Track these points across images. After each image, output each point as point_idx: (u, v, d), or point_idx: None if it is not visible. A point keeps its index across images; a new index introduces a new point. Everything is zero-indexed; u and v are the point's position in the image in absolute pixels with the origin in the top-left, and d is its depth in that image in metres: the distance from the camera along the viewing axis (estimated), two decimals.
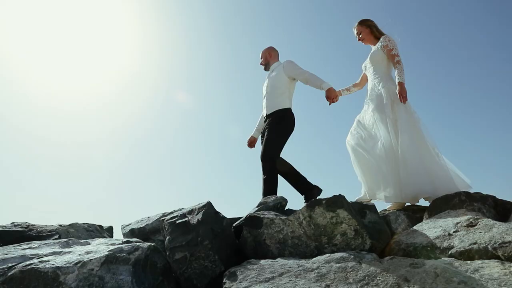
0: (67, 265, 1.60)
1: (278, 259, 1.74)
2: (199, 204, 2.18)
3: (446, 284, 1.39)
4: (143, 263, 1.83)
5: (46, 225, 3.07)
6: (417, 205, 2.94)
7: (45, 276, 1.56)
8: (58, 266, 1.58)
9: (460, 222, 2.00)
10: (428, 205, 2.75)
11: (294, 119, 3.66)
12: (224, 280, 1.58)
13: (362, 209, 2.12)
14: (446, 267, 1.50)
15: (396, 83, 3.16)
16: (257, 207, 2.35)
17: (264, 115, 3.76)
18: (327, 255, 1.69)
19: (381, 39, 3.41)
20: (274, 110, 3.63)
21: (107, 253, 1.73)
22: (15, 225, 3.00)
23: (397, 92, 3.12)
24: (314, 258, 1.68)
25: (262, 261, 1.72)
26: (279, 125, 3.55)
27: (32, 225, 3.04)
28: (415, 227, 2.16)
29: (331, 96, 3.41)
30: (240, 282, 1.51)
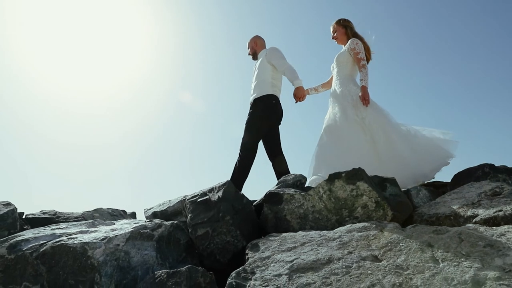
0: (94, 241, 1.66)
1: (300, 231, 1.75)
2: (218, 183, 2.21)
3: (471, 247, 1.37)
4: (167, 240, 1.87)
5: (72, 212, 3.17)
6: (439, 181, 2.89)
7: (74, 251, 1.62)
8: (86, 242, 1.64)
9: (484, 192, 1.96)
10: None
11: (275, 104, 3.52)
12: (246, 251, 1.60)
13: (382, 182, 2.10)
14: (470, 232, 1.47)
15: (360, 87, 3.16)
16: (276, 185, 2.36)
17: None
18: (349, 225, 1.68)
19: (349, 41, 3.39)
20: (254, 98, 3.56)
21: (132, 229, 1.77)
22: (44, 213, 3.11)
23: (359, 95, 3.12)
24: (336, 229, 1.69)
25: (284, 234, 1.73)
26: (253, 114, 3.48)
27: (60, 212, 3.14)
28: (437, 200, 2.13)
29: (298, 94, 3.41)
30: (262, 252, 1.52)
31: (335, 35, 3.55)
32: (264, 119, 3.47)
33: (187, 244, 1.94)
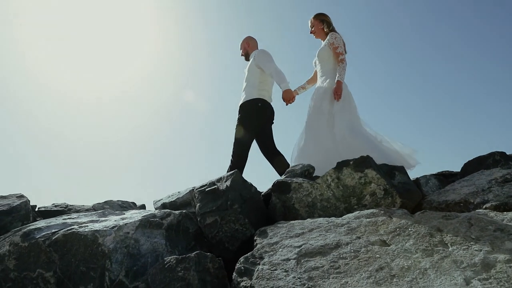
0: (104, 229, 1.68)
1: (308, 219, 1.75)
2: (227, 173, 2.22)
3: (481, 232, 1.36)
4: (176, 228, 1.89)
5: (83, 205, 3.22)
6: (448, 170, 2.86)
7: (85, 238, 1.64)
8: (97, 230, 1.66)
9: (494, 179, 1.94)
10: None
11: (261, 107, 3.52)
12: (255, 238, 1.61)
13: (391, 170, 2.09)
14: (480, 217, 1.46)
15: (335, 81, 3.17)
16: (284, 175, 2.36)
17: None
18: (357, 212, 1.68)
19: (328, 36, 3.38)
20: (241, 103, 3.58)
21: (141, 218, 1.80)
22: (56, 206, 3.17)
23: (333, 89, 3.14)
24: (344, 216, 1.68)
25: (292, 221, 1.74)
26: (240, 119, 3.51)
27: (71, 205, 3.20)
28: (447, 187, 2.11)
29: (287, 97, 3.39)
30: (270, 238, 1.53)
31: (313, 29, 3.58)
32: (251, 123, 3.48)
33: (196, 233, 1.96)
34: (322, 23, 3.50)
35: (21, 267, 1.67)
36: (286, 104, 3.46)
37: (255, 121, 3.49)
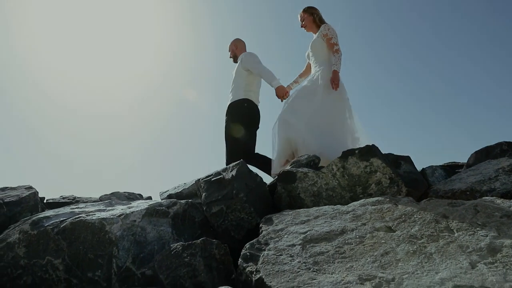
0: (111, 217, 1.70)
1: (313, 207, 1.76)
2: (232, 164, 2.23)
3: (487, 218, 1.36)
4: (182, 217, 1.91)
5: (90, 197, 3.25)
6: (455, 162, 2.84)
7: (93, 226, 1.66)
8: (104, 217, 1.68)
9: (502, 168, 1.92)
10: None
11: (247, 107, 3.61)
12: (260, 225, 1.62)
13: (396, 160, 2.09)
14: (487, 204, 1.45)
15: (332, 70, 3.20)
16: (290, 165, 2.37)
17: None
18: (362, 200, 1.68)
19: (321, 27, 3.41)
20: (228, 104, 3.68)
21: (148, 206, 1.81)
22: (63, 198, 3.21)
23: (330, 79, 3.17)
24: (349, 204, 1.69)
25: (298, 210, 1.74)
26: (229, 121, 3.60)
27: (78, 197, 3.23)
28: (453, 177, 2.10)
29: (280, 94, 3.43)
30: (276, 225, 1.54)
31: (303, 23, 3.61)
32: (244, 123, 3.56)
33: (202, 222, 1.97)
34: (312, 16, 3.54)
35: (30, 254, 1.70)
36: (282, 101, 3.51)
37: (243, 120, 3.59)
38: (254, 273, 1.22)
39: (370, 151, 1.92)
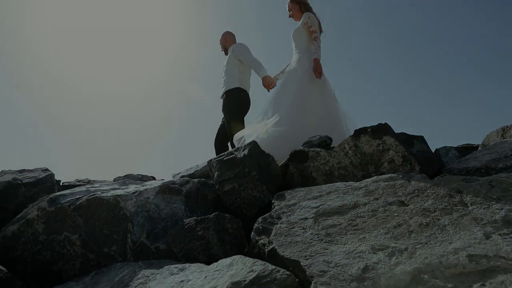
0: (126, 194, 1.73)
1: (326, 184, 1.76)
2: (244, 144, 2.24)
3: (503, 192, 1.34)
4: (195, 195, 1.93)
5: (104, 180, 3.31)
6: (469, 143, 2.80)
7: (108, 203, 1.70)
8: (119, 194, 1.71)
9: None
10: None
11: (242, 95, 3.80)
12: (272, 201, 1.63)
13: (409, 139, 2.06)
14: (502, 179, 1.43)
15: (313, 59, 3.21)
16: (302, 145, 2.36)
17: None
18: (375, 176, 1.67)
19: (302, 16, 3.42)
20: (222, 92, 3.83)
21: (161, 184, 1.84)
22: (78, 181, 3.27)
23: (312, 67, 3.18)
24: (362, 180, 1.68)
25: (310, 187, 1.75)
26: (226, 108, 3.77)
27: (93, 180, 3.29)
28: (467, 156, 2.07)
29: (267, 83, 3.57)
30: (288, 200, 1.55)
31: (291, 13, 3.63)
32: (237, 111, 3.76)
33: (214, 201, 2.00)
34: (299, 5, 3.56)
35: (49, 230, 1.74)
36: (268, 91, 3.60)
37: (237, 108, 3.78)
38: (267, 244, 1.24)
39: (383, 129, 1.90)
